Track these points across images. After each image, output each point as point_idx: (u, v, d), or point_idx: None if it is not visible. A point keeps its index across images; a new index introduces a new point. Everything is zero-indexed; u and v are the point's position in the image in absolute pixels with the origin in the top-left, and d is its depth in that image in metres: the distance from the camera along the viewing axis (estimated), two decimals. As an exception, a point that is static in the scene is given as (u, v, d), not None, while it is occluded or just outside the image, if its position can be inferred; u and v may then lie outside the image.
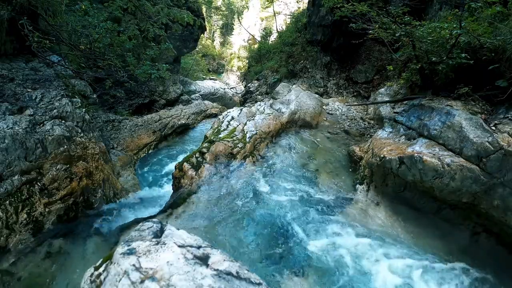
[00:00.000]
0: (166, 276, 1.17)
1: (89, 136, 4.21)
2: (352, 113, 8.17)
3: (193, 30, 12.32)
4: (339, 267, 3.17)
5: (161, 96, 10.90)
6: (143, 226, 1.57)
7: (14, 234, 3.01)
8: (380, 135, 5.00)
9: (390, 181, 4.10)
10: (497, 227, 3.14)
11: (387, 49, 6.74)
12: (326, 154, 5.82)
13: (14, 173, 3.04)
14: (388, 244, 3.48)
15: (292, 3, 24.52)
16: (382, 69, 9.13)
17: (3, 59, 4.05)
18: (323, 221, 3.86)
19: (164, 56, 10.27)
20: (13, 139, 3.07)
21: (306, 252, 3.34)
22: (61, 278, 2.90)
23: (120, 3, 6.14)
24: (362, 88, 9.89)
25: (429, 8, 7.51)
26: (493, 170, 3.09)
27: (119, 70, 4.99)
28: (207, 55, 31.22)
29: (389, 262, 3.22)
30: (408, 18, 4.49)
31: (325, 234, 3.64)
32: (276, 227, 3.73)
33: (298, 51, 11.94)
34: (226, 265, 1.30)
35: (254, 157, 5.23)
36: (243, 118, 6.19)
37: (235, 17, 34.76)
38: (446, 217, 3.55)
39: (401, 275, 3.07)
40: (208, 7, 25.84)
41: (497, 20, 4.00)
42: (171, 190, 4.85)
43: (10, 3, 3.82)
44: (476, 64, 3.84)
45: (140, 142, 7.64)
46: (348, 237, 3.61)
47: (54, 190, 3.45)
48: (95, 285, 1.31)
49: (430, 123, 3.98)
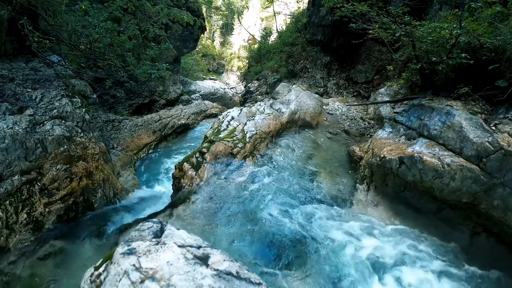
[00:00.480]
0: (166, 276, 1.17)
1: (89, 136, 4.21)
2: (352, 113, 8.17)
3: (193, 30, 12.32)
4: (343, 267, 3.17)
5: (161, 96, 10.90)
6: (143, 226, 1.57)
7: (14, 234, 3.01)
8: (380, 135, 5.00)
9: (390, 181, 4.10)
10: (497, 227, 3.14)
11: (387, 49, 6.74)
12: (326, 154, 5.82)
13: (14, 173, 3.04)
14: (389, 244, 3.49)
15: (292, 3, 24.52)
16: (382, 69, 9.13)
17: (3, 59, 4.05)
18: (323, 221, 3.86)
19: (164, 56, 10.27)
20: (13, 139, 3.07)
21: (307, 252, 3.34)
22: (61, 278, 2.89)
23: (120, 3, 6.15)
24: (362, 88, 9.89)
25: (429, 8, 7.51)
26: (493, 170, 3.09)
27: (119, 70, 4.99)
28: (207, 55, 31.23)
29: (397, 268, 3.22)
30: (408, 18, 4.49)
31: (324, 234, 3.63)
32: (276, 226, 3.72)
33: (298, 51, 11.94)
34: (226, 265, 1.30)
35: (254, 157, 5.23)
36: (243, 118, 6.19)
37: (235, 17, 34.76)
38: (446, 217, 3.55)
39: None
40: (208, 7, 25.84)
41: (497, 20, 4.00)
42: (171, 190, 4.85)
43: (10, 3, 3.82)
44: (476, 64, 3.84)
45: (140, 142, 7.64)
46: (348, 236, 3.61)
47: (54, 190, 3.45)
48: (95, 285, 1.31)
49: (430, 123, 3.98)
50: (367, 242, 3.51)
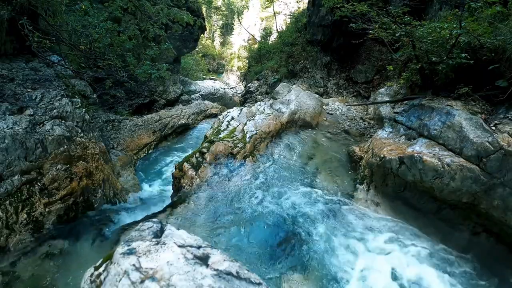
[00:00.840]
0: (166, 276, 1.17)
1: (89, 136, 4.21)
2: (352, 113, 8.17)
3: (193, 30, 12.31)
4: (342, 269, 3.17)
5: (161, 96, 10.90)
6: (143, 226, 1.57)
7: (14, 234, 3.01)
8: (380, 135, 5.00)
9: (390, 181, 4.10)
10: (497, 227, 3.14)
11: (387, 49, 6.74)
12: (326, 154, 5.82)
13: (14, 173, 3.04)
14: (389, 243, 3.49)
15: (292, 3, 24.51)
16: (382, 69, 9.13)
17: (3, 59, 4.05)
18: (323, 221, 3.86)
19: (164, 56, 10.27)
20: (13, 139, 3.07)
21: (307, 252, 3.34)
22: (61, 278, 2.89)
23: (120, 3, 6.14)
24: (362, 88, 9.89)
25: (429, 8, 7.51)
26: (493, 170, 3.09)
27: (119, 70, 4.99)
28: (207, 55, 31.22)
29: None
30: (408, 18, 4.49)
31: (324, 233, 3.63)
32: (275, 226, 3.73)
33: (298, 51, 11.94)
34: (226, 265, 1.30)
35: (254, 157, 5.23)
36: (243, 118, 6.19)
37: (235, 17, 34.75)
38: (446, 217, 3.55)
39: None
40: (208, 7, 25.84)
41: (497, 20, 4.00)
42: (171, 190, 4.86)
43: (10, 3, 3.82)
44: (476, 64, 3.84)
45: (140, 142, 7.64)
46: (348, 236, 3.61)
47: (54, 190, 3.45)
48: (95, 285, 1.31)
49: (430, 123, 3.98)
50: (366, 242, 3.51)
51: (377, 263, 3.22)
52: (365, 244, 3.50)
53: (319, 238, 3.57)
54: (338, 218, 3.95)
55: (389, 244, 3.48)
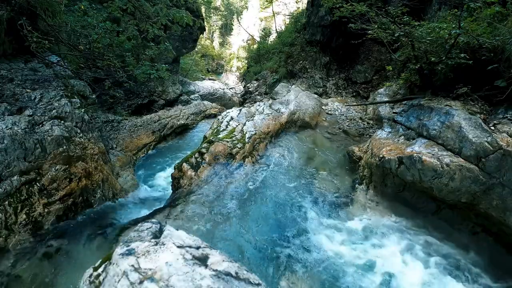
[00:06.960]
0: (165, 277, 1.17)
1: (88, 136, 4.20)
2: (351, 113, 8.17)
3: (192, 31, 12.31)
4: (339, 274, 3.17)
5: (160, 96, 10.88)
6: (142, 227, 1.57)
7: (13, 234, 3.00)
8: (379, 135, 5.00)
9: (389, 181, 4.11)
10: (496, 227, 3.15)
11: (386, 49, 6.75)
12: (325, 154, 5.82)
13: (13, 173, 3.03)
14: (388, 243, 3.49)
15: (291, 3, 24.51)
16: (381, 69, 9.15)
17: (2, 60, 4.04)
18: (322, 221, 3.86)
19: (163, 57, 10.26)
20: (12, 140, 3.06)
21: (305, 253, 3.34)
22: (60, 278, 2.89)
23: (119, 3, 6.14)
24: (361, 88, 9.91)
25: (428, 8, 7.52)
26: (492, 170, 3.10)
27: (118, 71, 4.99)
28: (206, 56, 31.19)
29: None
30: (407, 18, 4.50)
31: (324, 233, 3.63)
32: (275, 226, 3.73)
33: (297, 51, 11.94)
34: (225, 266, 1.29)
35: (253, 158, 5.23)
36: (242, 118, 6.19)
37: (234, 18, 34.77)
38: (445, 217, 3.56)
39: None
40: (207, 7, 25.84)
41: (496, 20, 4.01)
42: (170, 190, 4.85)
43: (9, 3, 3.81)
44: (475, 64, 3.85)
45: (139, 142, 7.62)
46: (348, 236, 3.61)
47: (53, 191, 3.44)
48: (94, 286, 1.30)
49: (429, 123, 3.99)
50: (366, 242, 3.51)
51: (377, 263, 3.22)
52: (364, 243, 3.51)
53: (319, 238, 3.57)
54: (337, 218, 3.95)
55: (388, 244, 3.48)
